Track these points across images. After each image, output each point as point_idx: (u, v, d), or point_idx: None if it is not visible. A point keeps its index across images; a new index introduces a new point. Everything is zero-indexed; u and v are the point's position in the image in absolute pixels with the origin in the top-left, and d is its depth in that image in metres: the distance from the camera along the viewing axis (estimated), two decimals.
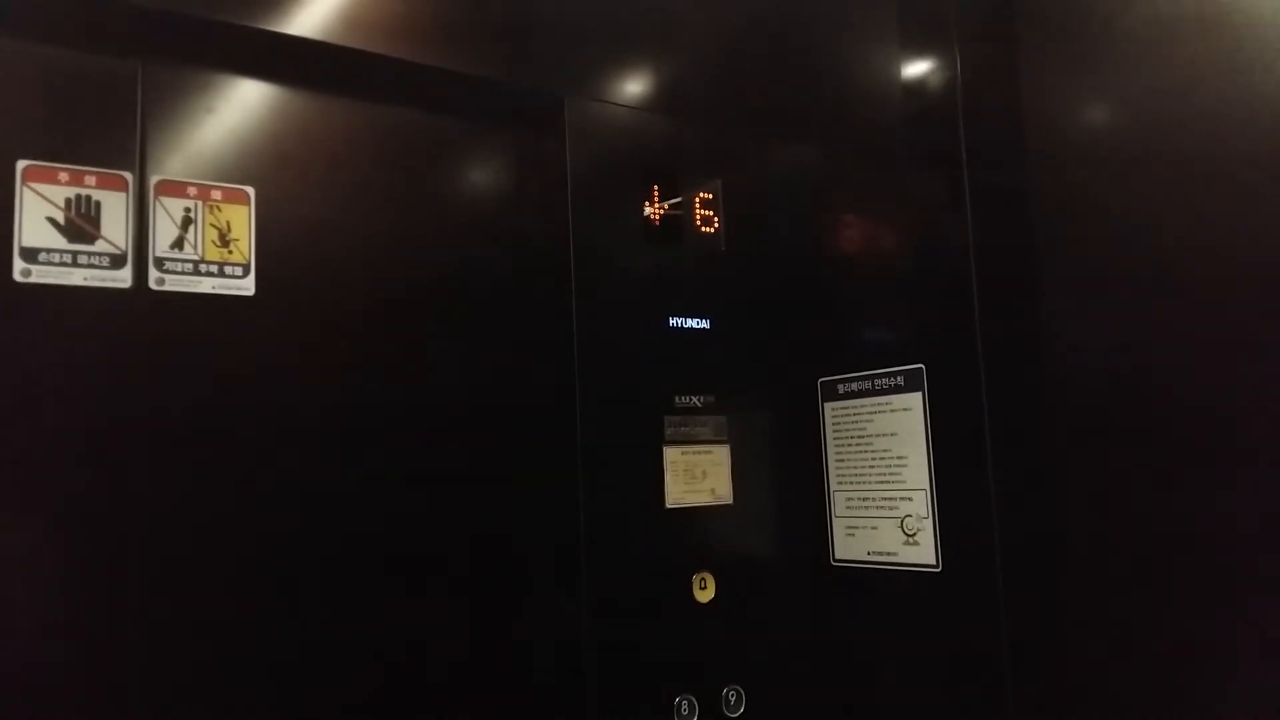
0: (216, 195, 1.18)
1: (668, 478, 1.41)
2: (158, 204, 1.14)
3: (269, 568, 1.16)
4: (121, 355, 1.10)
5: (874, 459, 1.46)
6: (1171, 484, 1.21)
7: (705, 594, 1.42)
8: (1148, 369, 1.24)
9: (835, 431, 1.53)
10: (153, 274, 1.13)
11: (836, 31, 1.59)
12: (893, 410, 1.43)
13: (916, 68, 1.45)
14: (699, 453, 1.44)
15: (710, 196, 1.51)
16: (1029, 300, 1.38)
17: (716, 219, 1.51)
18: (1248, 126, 1.15)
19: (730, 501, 1.46)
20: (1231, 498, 1.15)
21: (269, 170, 1.22)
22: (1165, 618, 1.21)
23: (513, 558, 1.35)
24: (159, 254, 1.13)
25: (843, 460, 1.52)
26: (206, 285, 1.16)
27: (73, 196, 1.09)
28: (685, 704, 1.37)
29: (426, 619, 1.27)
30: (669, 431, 1.42)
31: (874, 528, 1.46)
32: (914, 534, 1.39)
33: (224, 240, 1.17)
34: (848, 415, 1.51)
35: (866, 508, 1.47)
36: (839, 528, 1.52)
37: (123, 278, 1.11)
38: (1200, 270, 1.18)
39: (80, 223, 1.09)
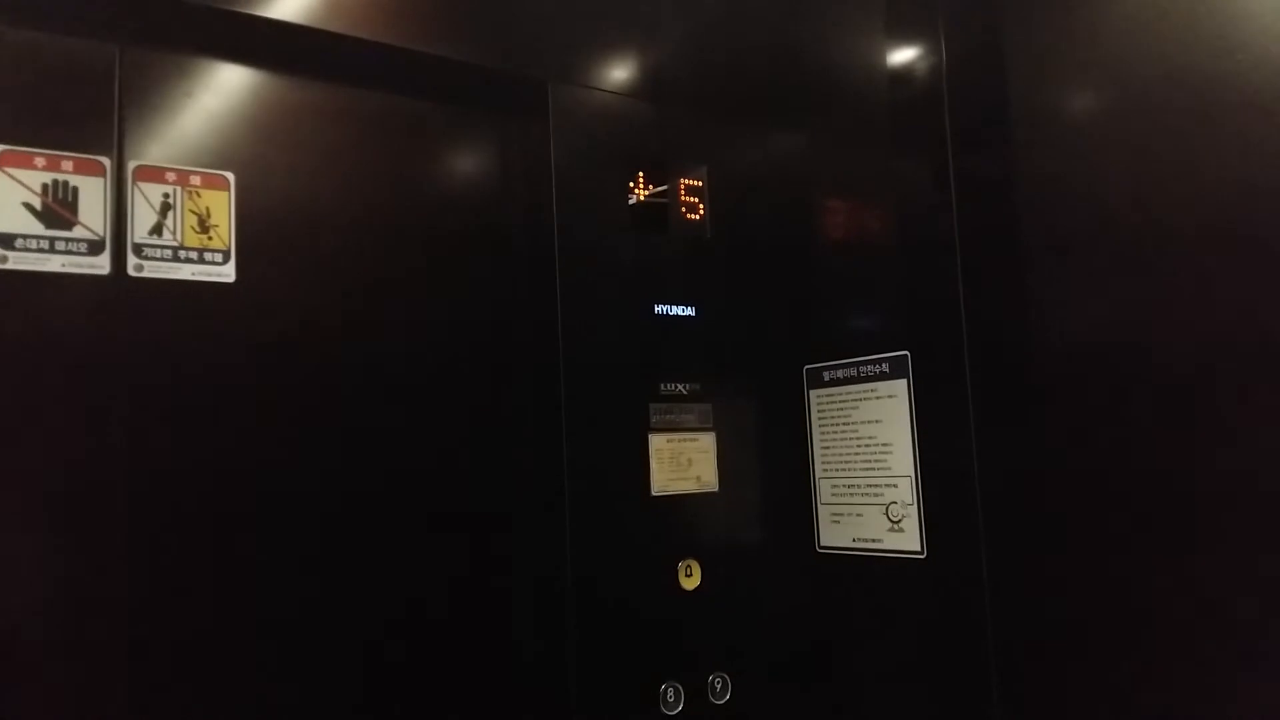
0: (196, 181, 1.17)
1: (653, 465, 1.40)
2: (136, 189, 1.13)
3: (247, 551, 1.16)
4: (100, 342, 1.09)
5: (859, 446, 1.46)
6: (1160, 469, 1.21)
7: (691, 581, 1.42)
8: (1134, 353, 1.24)
9: (820, 419, 1.53)
10: (131, 260, 1.12)
11: (823, 17, 1.59)
12: (878, 397, 1.43)
13: (902, 54, 1.45)
14: (684, 440, 1.44)
15: (695, 183, 1.51)
16: (1014, 286, 1.38)
17: (702, 206, 1.51)
18: (1236, 110, 1.14)
19: (716, 489, 1.46)
20: (1226, 483, 1.15)
21: (249, 156, 1.21)
22: (1153, 603, 1.21)
23: (495, 546, 1.35)
24: (138, 240, 1.12)
25: (828, 447, 1.52)
26: (186, 271, 1.15)
27: (50, 182, 1.08)
28: (671, 691, 1.37)
29: (407, 606, 1.26)
30: (654, 419, 1.42)
31: (859, 515, 1.46)
32: (899, 521, 1.39)
33: (204, 226, 1.16)
34: (833, 402, 1.51)
35: (852, 495, 1.47)
36: (824, 515, 1.52)
37: (101, 264, 1.10)
38: (1188, 253, 1.18)
39: (57, 208, 1.08)
